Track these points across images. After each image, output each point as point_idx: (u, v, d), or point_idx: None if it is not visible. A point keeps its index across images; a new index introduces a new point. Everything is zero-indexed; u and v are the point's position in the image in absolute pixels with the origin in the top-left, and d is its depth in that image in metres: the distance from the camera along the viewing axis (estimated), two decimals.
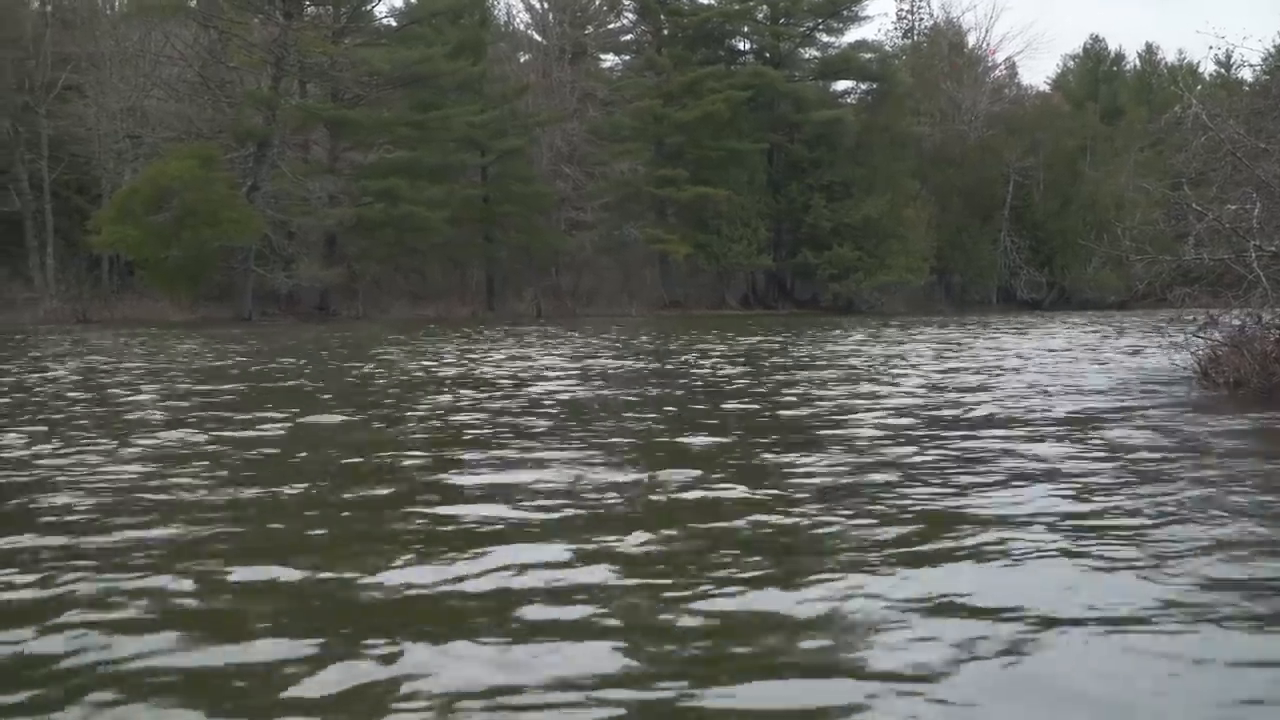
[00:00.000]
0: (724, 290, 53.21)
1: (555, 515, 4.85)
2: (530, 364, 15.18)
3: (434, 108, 44.08)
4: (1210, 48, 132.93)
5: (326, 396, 10.99)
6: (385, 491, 5.56)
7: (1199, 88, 62.59)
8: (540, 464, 6.24)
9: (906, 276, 51.36)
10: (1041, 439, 7.06)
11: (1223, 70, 69.13)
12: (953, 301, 56.00)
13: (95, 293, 39.68)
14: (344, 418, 8.86)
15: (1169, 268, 11.41)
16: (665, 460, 6.38)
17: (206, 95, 41.61)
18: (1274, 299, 9.99)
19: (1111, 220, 16.05)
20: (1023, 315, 44.01)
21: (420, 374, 13.57)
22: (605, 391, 11.19)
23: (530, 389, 11.20)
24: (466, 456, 6.73)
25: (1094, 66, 78.48)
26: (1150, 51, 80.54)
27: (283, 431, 7.92)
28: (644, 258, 51.32)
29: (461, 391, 11.05)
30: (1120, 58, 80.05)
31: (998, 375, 12.58)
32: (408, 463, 6.51)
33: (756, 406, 9.53)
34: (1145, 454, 6.44)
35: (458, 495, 5.53)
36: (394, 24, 48.41)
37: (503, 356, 16.91)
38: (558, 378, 12.67)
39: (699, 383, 12.07)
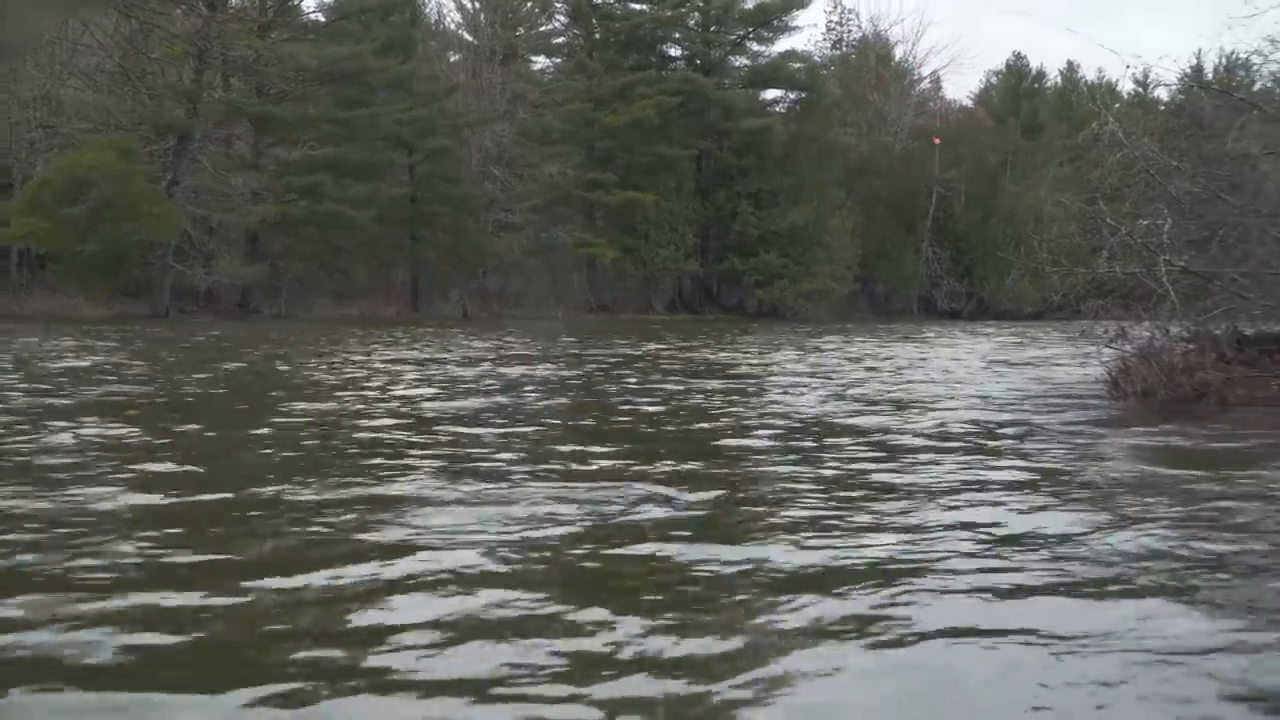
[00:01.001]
0: (651, 295, 52.86)
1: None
2: (406, 368, 14.35)
3: (361, 105, 43.01)
4: (1127, 67, 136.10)
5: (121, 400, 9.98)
6: None
7: (1116, 106, 63.38)
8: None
9: (831, 284, 51.58)
10: (950, 449, 6.59)
11: (1140, 89, 69.72)
12: (875, 310, 56.13)
13: (3, 286, 38.04)
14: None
15: (1083, 280, 11.52)
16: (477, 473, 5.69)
17: (126, 86, 40.05)
18: (1182, 313, 10.22)
19: (1030, 233, 15.90)
20: (942, 324, 44.28)
21: (270, 375, 12.67)
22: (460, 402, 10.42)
23: (384, 398, 10.27)
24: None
25: (1016, 83, 79.29)
26: (1071, 69, 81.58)
27: None
28: (572, 261, 50.69)
29: (297, 404, 10.02)
30: (1041, 75, 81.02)
31: (908, 384, 12.21)
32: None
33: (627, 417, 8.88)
34: (1051, 463, 6.19)
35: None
36: (322, 19, 47.29)
37: (384, 359, 16.05)
38: (421, 383, 11.90)
39: (571, 391, 11.39)
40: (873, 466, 5.93)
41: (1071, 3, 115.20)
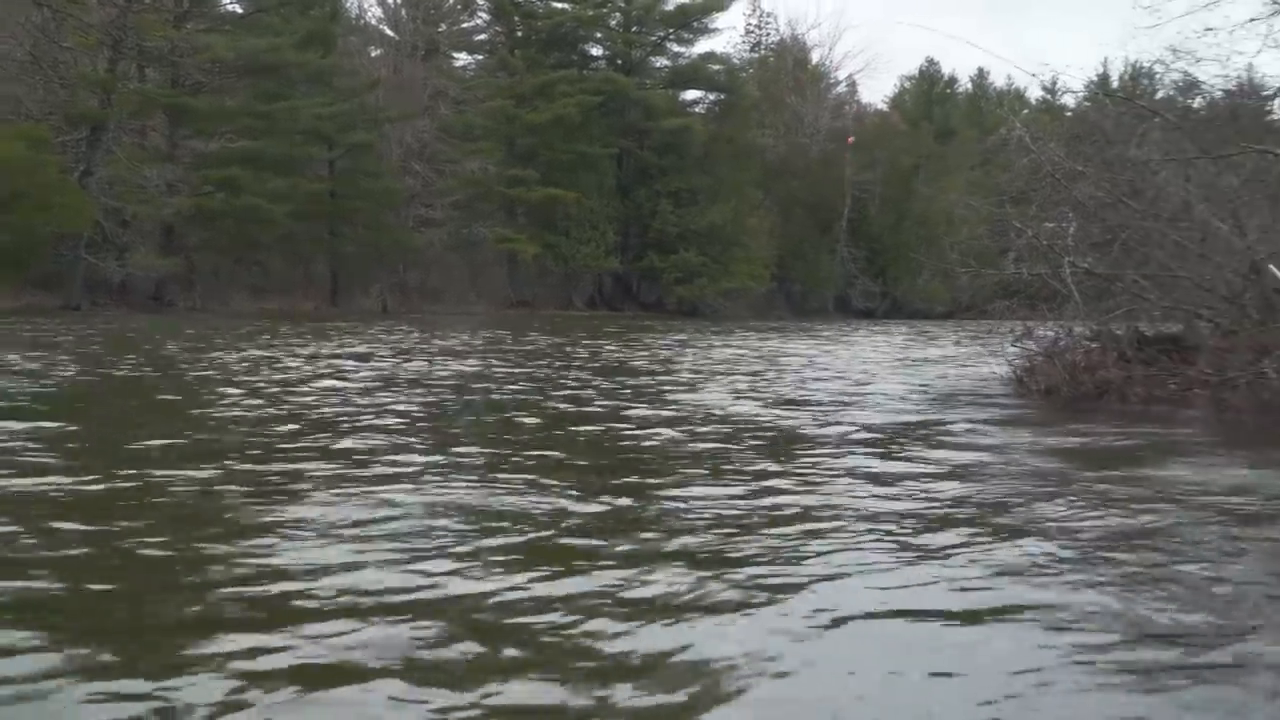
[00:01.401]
0: (571, 291, 52.71)
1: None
2: (307, 362, 14.04)
3: (280, 98, 42.30)
4: (1034, 74, 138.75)
5: None
6: None
7: (1025, 112, 64.80)
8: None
9: (748, 283, 51.90)
10: (858, 442, 6.58)
11: (1048, 96, 71.34)
12: (792, 308, 56.55)
13: None
14: None
15: (991, 281, 11.84)
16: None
17: (38, 75, 38.89)
18: (1085, 313, 10.49)
19: (941, 235, 16.14)
20: (856, 323, 44.71)
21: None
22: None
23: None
24: None
25: (929, 88, 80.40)
26: (981, 76, 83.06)
27: None
28: (493, 257, 50.42)
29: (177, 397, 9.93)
30: (953, 80, 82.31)
31: (815, 381, 12.21)
32: None
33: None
34: (951, 458, 6.17)
35: None
36: (240, 11, 46.36)
37: (265, 355, 15.60)
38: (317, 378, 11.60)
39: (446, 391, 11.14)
40: (772, 465, 5.90)
41: (984, 10, 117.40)
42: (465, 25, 57.91)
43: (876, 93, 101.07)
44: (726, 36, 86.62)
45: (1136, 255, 10.72)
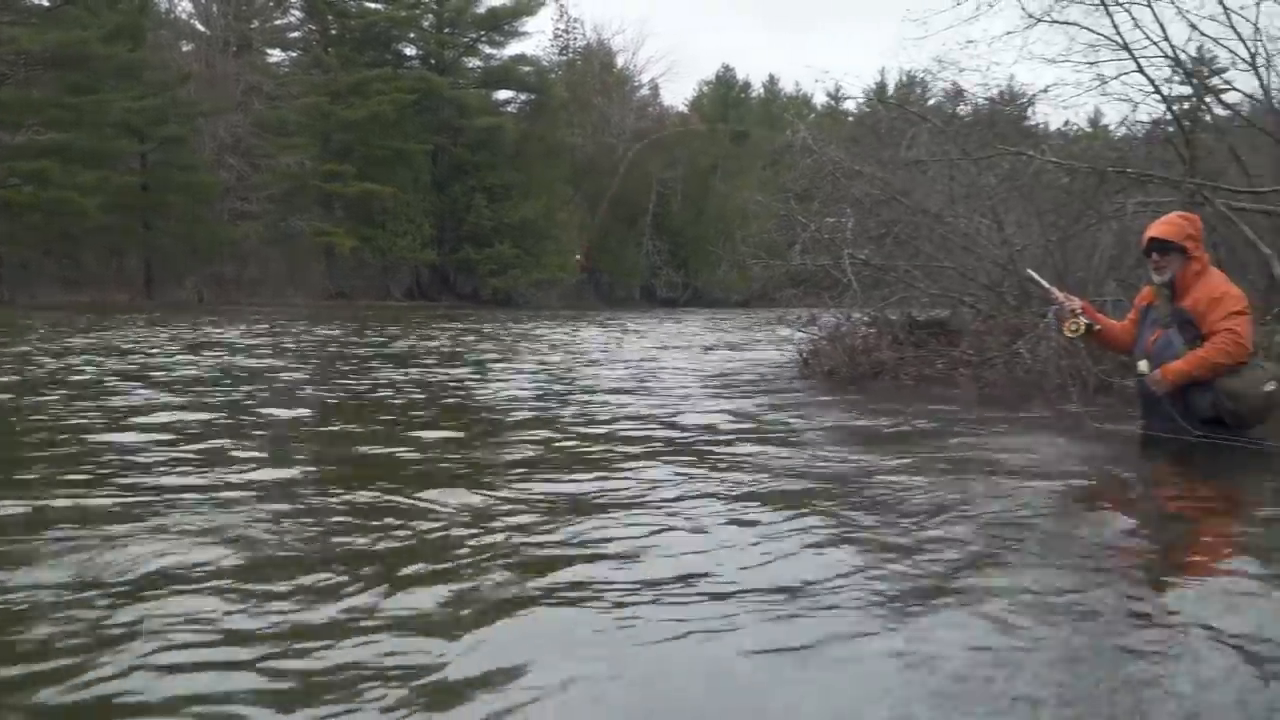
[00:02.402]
0: (389, 282, 51.72)
1: None
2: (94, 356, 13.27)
3: (89, 91, 39.97)
4: (816, 81, 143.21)
5: None
6: None
7: (811, 116, 66.85)
8: None
9: (559, 274, 52.05)
10: (654, 421, 6.48)
11: (833, 102, 73.66)
12: (601, 298, 56.91)
13: None
14: None
15: (780, 272, 11.89)
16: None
17: None
18: (862, 300, 10.62)
19: (736, 229, 16.38)
20: (660, 311, 45.08)
21: None
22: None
23: None
24: None
25: (725, 92, 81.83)
26: (772, 82, 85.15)
27: None
28: (311, 249, 48.94)
29: None
30: (747, 85, 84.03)
31: (611, 366, 12.08)
32: None
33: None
34: (747, 431, 6.10)
35: None
36: (46, 3, 43.50)
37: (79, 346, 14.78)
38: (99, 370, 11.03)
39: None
40: (554, 453, 5.75)
41: (773, 21, 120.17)
42: (278, 22, 56.00)
43: (677, 96, 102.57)
44: (536, 40, 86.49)
45: (908, 247, 11.04)
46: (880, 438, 6.03)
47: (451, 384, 9.61)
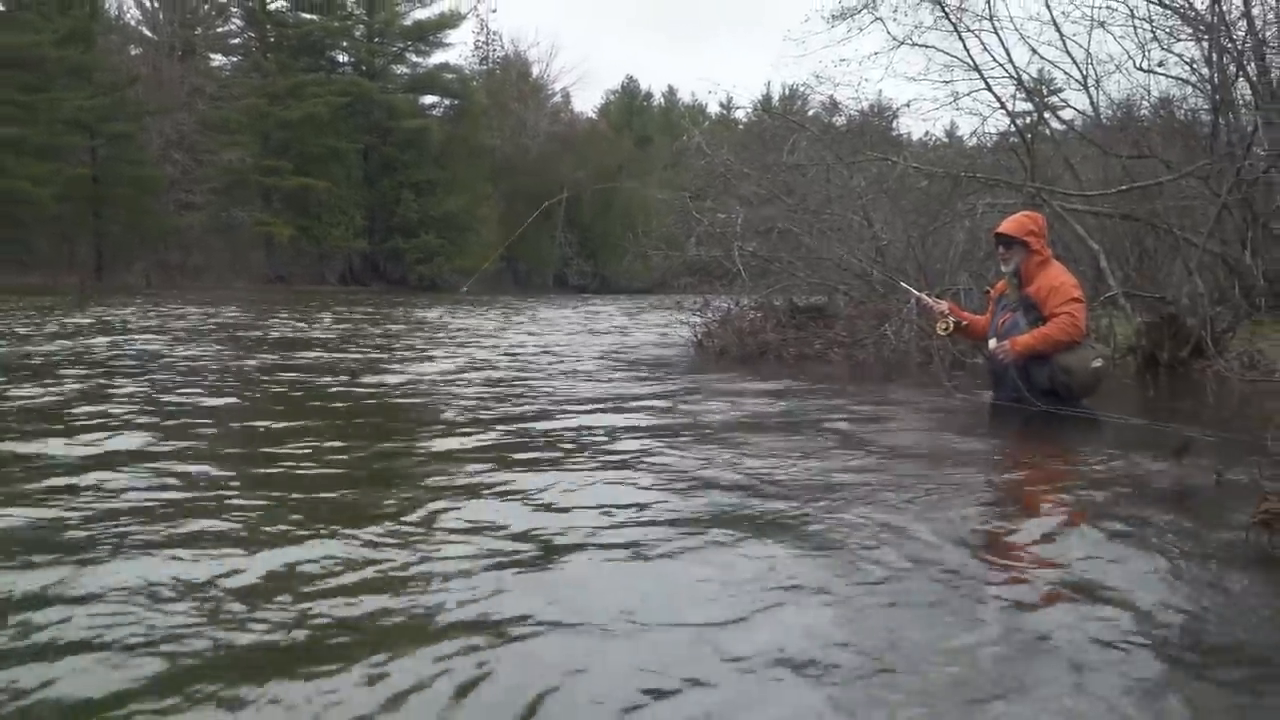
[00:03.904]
0: (324, 269, 50.74)
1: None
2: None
3: (41, 90, 38.31)
4: (710, 91, 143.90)
5: None
6: None
7: (706, 123, 66.89)
8: None
9: (479, 263, 51.44)
10: (560, 399, 6.37)
11: (725, 111, 73.78)
12: (519, 285, 56.44)
13: None
14: None
15: (678, 262, 11.95)
16: None
17: None
18: (750, 287, 10.79)
19: (640, 223, 16.35)
20: (571, 297, 44.96)
21: None
22: None
23: None
24: None
25: (629, 101, 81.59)
26: (671, 92, 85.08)
27: None
28: (251, 238, 47.65)
29: None
30: (649, 95, 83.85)
31: (519, 350, 11.57)
32: None
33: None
34: (648, 401, 6.06)
35: None
36: (2, 8, 41.45)
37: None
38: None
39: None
40: (450, 440, 5.69)
41: (672, 34, 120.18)
42: (221, 29, 54.26)
43: (587, 103, 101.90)
44: (459, 50, 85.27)
45: (790, 241, 11.17)
46: (764, 411, 6.07)
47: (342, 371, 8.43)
